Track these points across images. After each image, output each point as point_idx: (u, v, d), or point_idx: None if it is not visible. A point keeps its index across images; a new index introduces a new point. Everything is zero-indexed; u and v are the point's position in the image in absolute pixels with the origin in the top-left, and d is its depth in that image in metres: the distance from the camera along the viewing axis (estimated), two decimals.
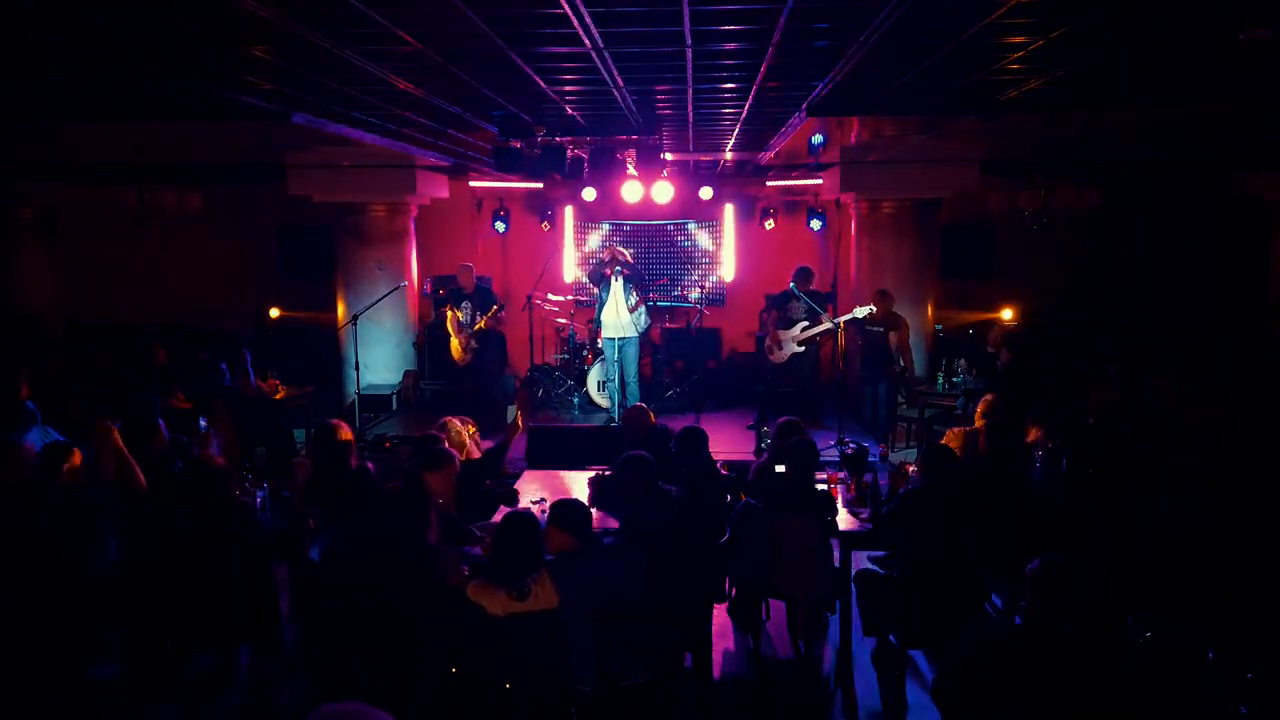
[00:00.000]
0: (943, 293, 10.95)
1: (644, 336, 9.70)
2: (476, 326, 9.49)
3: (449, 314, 9.62)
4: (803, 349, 9.05)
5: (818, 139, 9.65)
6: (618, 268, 9.21)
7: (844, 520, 5.37)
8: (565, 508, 4.16)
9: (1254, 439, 6.11)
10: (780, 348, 9.10)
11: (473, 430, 5.99)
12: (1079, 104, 7.35)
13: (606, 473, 5.78)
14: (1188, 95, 7.01)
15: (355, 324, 9.50)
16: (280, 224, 12.44)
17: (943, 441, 5.74)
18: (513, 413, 6.35)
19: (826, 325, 8.90)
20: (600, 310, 9.33)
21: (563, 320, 11.04)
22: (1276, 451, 5.99)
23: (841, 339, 8.62)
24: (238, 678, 4.76)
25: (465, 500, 5.22)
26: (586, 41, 4.69)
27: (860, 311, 8.89)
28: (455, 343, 9.60)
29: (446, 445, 5.28)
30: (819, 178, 11.50)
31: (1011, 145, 9.82)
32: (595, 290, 9.57)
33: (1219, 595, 4.31)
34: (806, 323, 9.07)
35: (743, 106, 7.08)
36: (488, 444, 6.04)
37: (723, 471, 5.71)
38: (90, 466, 5.04)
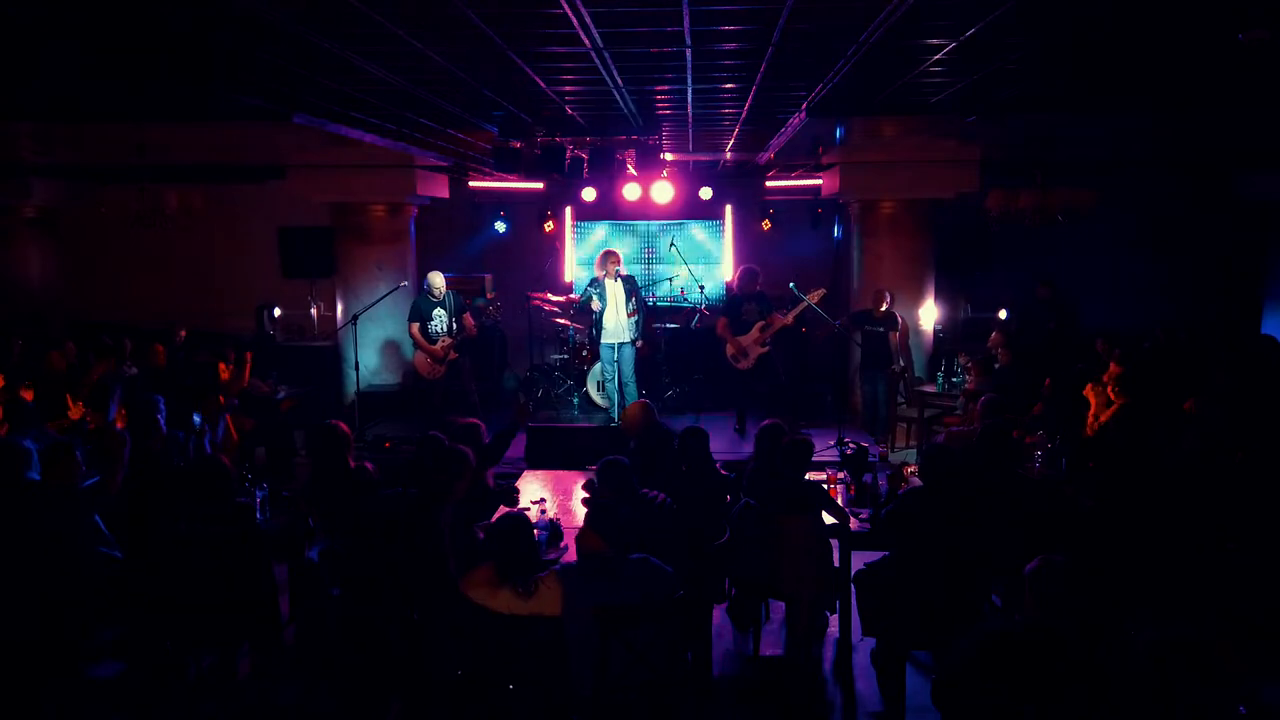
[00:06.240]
0: (942, 292, 10.94)
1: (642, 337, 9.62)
2: (458, 335, 9.07)
3: (412, 328, 9.10)
4: (766, 349, 9.00)
5: (819, 138, 9.64)
6: (616, 269, 9.11)
7: None
8: (601, 511, 4.13)
9: (1254, 438, 6.10)
10: (745, 356, 9.03)
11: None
12: (1078, 105, 7.36)
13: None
14: (1188, 96, 7.01)
15: (355, 324, 9.49)
16: (280, 224, 12.43)
17: (940, 441, 5.74)
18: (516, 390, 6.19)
19: (783, 321, 8.87)
20: (601, 313, 9.21)
21: (562, 320, 11.02)
22: (1276, 451, 5.98)
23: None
24: (238, 678, 4.75)
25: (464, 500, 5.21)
26: (586, 41, 4.70)
27: (812, 297, 8.78)
28: (420, 356, 9.13)
29: None
30: (819, 178, 11.49)
31: (1011, 145, 9.82)
32: (590, 296, 9.37)
33: (1218, 595, 4.31)
34: (762, 323, 9.01)
35: (743, 106, 7.08)
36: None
37: (722, 472, 5.70)
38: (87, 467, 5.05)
